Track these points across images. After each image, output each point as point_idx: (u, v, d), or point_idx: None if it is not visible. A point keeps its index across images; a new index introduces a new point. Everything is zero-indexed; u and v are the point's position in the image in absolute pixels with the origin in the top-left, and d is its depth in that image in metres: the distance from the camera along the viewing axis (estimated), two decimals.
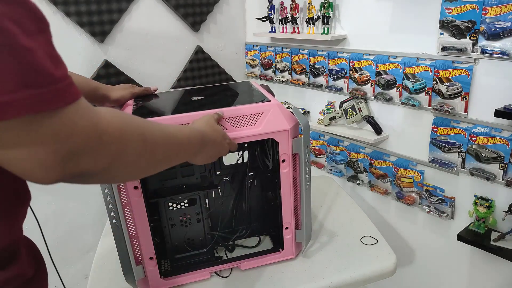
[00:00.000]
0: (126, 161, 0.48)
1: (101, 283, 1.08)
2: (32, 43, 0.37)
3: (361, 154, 1.86)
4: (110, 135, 0.44)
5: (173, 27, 2.01)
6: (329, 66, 1.89)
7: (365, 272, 1.07)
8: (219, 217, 1.15)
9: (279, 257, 1.10)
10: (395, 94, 1.64)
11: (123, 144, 0.46)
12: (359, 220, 1.31)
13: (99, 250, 1.23)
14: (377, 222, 1.90)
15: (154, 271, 0.99)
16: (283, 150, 0.96)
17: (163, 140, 0.56)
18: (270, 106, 0.96)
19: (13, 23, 0.36)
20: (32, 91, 0.36)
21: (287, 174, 0.99)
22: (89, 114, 0.42)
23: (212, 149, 0.77)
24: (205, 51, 2.15)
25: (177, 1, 1.95)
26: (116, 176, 0.51)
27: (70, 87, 0.40)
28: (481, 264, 1.54)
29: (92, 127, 0.42)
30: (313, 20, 1.85)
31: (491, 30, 1.29)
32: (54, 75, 0.39)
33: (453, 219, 1.59)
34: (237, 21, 2.27)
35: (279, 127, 0.93)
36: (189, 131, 0.68)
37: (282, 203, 1.03)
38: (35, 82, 0.37)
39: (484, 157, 1.40)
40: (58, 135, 0.39)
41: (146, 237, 0.95)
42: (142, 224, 0.94)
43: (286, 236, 1.07)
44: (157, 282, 1.01)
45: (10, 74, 0.35)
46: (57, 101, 0.39)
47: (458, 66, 1.41)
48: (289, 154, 0.97)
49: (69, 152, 0.41)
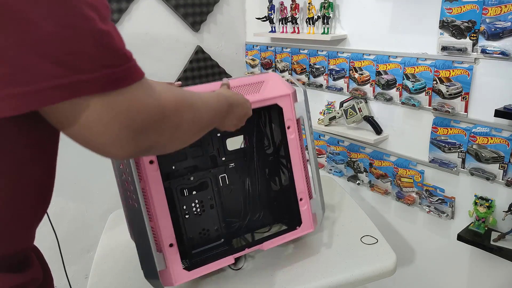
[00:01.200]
0: (183, 130, 0.52)
1: (101, 283, 1.08)
2: (106, 27, 0.41)
3: (361, 154, 1.86)
4: (170, 109, 0.48)
5: (173, 27, 2.01)
6: (329, 66, 1.89)
7: (365, 271, 1.07)
8: (231, 204, 1.14)
9: (299, 232, 1.09)
10: (395, 94, 1.64)
11: (179, 115, 0.50)
12: (359, 219, 1.31)
13: (99, 250, 1.23)
14: (377, 222, 1.89)
15: (176, 259, 0.91)
16: (287, 116, 1.02)
17: (203, 106, 0.59)
18: (270, 76, 1.04)
19: (91, 10, 0.40)
20: (109, 70, 0.40)
21: (294, 141, 1.04)
22: (153, 91, 0.45)
23: (239, 110, 0.79)
24: (205, 51, 2.15)
25: (177, 1, 1.95)
26: (175, 145, 0.54)
27: (137, 66, 0.44)
28: (481, 264, 1.54)
29: (156, 102, 0.45)
30: (313, 20, 1.85)
31: (491, 30, 1.29)
32: (126, 55, 0.42)
33: (453, 219, 1.59)
34: (237, 21, 2.27)
35: (281, 92, 1.01)
36: (216, 96, 0.70)
37: (293, 172, 1.05)
38: (112, 62, 0.41)
39: (484, 157, 1.40)
40: (130, 111, 0.42)
41: (165, 218, 0.89)
42: (160, 203, 0.88)
43: (302, 208, 1.08)
44: (180, 273, 0.92)
45: (90, 55, 0.39)
46: (129, 79, 0.42)
47: (458, 66, 1.41)
48: (294, 120, 1.03)
49: (140, 127, 0.43)
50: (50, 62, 0.37)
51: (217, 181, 1.12)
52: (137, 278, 1.07)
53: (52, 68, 0.37)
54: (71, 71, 0.38)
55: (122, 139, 0.43)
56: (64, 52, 0.37)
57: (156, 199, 0.89)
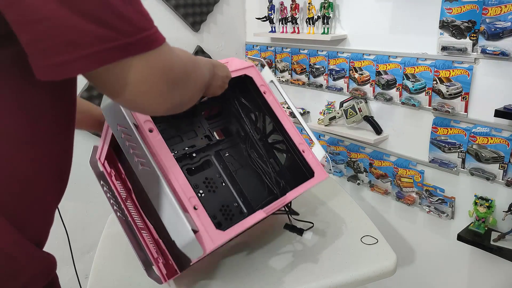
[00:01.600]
0: (198, 84, 0.59)
1: (101, 283, 1.08)
2: None
3: (361, 154, 1.86)
4: (189, 66, 0.55)
5: (173, 27, 2.01)
6: (329, 66, 1.89)
7: (365, 271, 1.07)
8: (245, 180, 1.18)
9: (316, 180, 1.10)
10: (395, 94, 1.64)
11: (194, 71, 0.57)
12: (359, 220, 1.31)
13: (99, 250, 1.23)
14: (377, 222, 1.89)
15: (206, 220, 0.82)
16: (259, 83, 1.14)
17: (202, 64, 0.66)
18: (231, 59, 1.15)
19: None
20: (146, 33, 0.45)
21: (273, 102, 1.14)
22: (174, 51, 0.51)
23: (220, 71, 0.86)
24: (205, 51, 2.15)
25: (177, 1, 1.95)
26: (193, 100, 0.59)
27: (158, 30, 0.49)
28: (481, 264, 1.54)
29: (179, 60, 0.51)
30: (313, 20, 1.85)
31: (491, 30, 1.29)
32: (152, 20, 0.48)
33: (453, 219, 1.59)
34: (237, 21, 2.27)
35: (246, 65, 1.15)
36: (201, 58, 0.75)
37: (286, 130, 1.12)
38: (146, 25, 0.46)
39: (484, 157, 1.40)
40: (165, 68, 0.48)
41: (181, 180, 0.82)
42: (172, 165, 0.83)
43: (308, 158, 1.11)
44: (215, 233, 0.82)
45: (133, 20, 0.44)
46: (159, 40, 0.47)
47: (458, 66, 1.41)
48: (266, 84, 1.15)
49: (173, 82, 0.49)
50: (104, 27, 0.42)
51: (219, 157, 1.16)
52: (137, 278, 1.07)
53: (106, 32, 0.42)
54: (120, 34, 0.43)
55: (161, 95, 0.48)
56: (114, 17, 0.42)
57: (167, 161, 0.84)
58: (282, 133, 1.15)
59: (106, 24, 0.42)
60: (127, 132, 0.82)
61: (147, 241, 0.97)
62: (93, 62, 0.42)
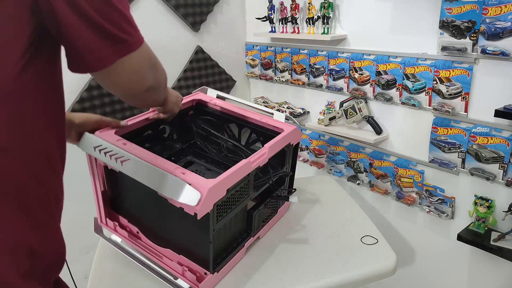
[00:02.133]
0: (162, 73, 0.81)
1: (101, 283, 1.08)
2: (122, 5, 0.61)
3: (361, 154, 1.86)
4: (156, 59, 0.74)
5: (173, 27, 2.01)
6: (329, 66, 1.89)
7: (365, 271, 1.07)
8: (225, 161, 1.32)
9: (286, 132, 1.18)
10: (395, 94, 1.64)
11: (158, 61, 0.76)
12: (359, 220, 1.31)
13: (99, 250, 1.23)
14: (377, 222, 1.89)
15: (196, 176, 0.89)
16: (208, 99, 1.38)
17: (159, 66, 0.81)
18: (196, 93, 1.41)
19: None
20: (138, 32, 0.64)
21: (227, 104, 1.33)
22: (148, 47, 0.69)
23: (172, 92, 1.08)
24: (205, 51, 2.15)
25: (177, 1, 1.95)
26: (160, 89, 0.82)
27: None
28: (481, 264, 1.54)
29: (151, 51, 0.71)
30: (313, 20, 1.85)
31: (491, 30, 1.29)
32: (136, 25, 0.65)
33: (453, 219, 1.59)
34: (237, 21, 2.27)
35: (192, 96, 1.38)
36: None
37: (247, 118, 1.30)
38: (135, 26, 0.64)
39: (484, 157, 1.40)
40: (149, 59, 0.70)
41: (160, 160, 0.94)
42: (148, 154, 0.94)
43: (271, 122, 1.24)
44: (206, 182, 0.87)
45: (132, 23, 0.63)
46: (142, 39, 0.66)
47: (458, 66, 1.41)
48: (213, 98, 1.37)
49: (153, 69, 0.72)
50: (117, 29, 0.60)
51: (198, 154, 1.36)
52: (137, 278, 1.07)
53: (122, 35, 0.61)
54: (125, 34, 0.61)
55: (147, 77, 0.70)
56: (127, 24, 0.62)
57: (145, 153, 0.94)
58: (246, 122, 1.31)
59: (124, 30, 0.61)
60: (103, 147, 0.95)
61: (166, 262, 1.03)
62: (116, 56, 0.61)
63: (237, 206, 1.03)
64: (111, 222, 1.15)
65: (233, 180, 0.94)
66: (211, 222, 0.92)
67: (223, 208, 0.96)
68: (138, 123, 1.15)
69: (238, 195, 1.01)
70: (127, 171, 0.92)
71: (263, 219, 1.21)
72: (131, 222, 1.13)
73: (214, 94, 1.39)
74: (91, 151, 0.97)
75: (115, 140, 0.98)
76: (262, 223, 1.21)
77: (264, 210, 1.18)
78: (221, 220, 0.96)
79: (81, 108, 1.74)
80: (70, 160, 1.69)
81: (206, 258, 0.97)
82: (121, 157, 0.92)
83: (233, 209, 1.01)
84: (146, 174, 0.89)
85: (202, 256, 0.97)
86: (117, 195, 1.15)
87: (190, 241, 0.99)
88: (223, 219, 0.98)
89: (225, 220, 0.99)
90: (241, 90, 2.41)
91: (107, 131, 1.03)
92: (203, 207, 0.85)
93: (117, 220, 1.16)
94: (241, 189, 1.02)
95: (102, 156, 0.95)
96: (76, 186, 1.91)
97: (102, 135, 1.00)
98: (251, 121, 1.29)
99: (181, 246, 1.01)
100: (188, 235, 0.99)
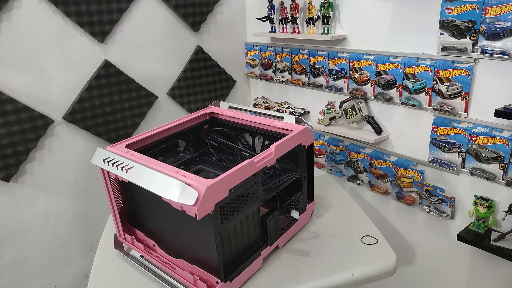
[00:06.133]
0: None
1: (101, 283, 1.08)
2: None
3: (361, 154, 1.86)
4: None
5: (173, 27, 2.01)
6: (329, 66, 1.89)
7: (366, 271, 1.07)
8: None
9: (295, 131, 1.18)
10: (395, 94, 1.64)
11: None
12: (359, 220, 1.31)
13: (99, 250, 1.23)
14: (377, 222, 1.90)
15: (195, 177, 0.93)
16: (220, 112, 1.45)
17: None
18: None
19: None
20: None
21: (239, 114, 1.42)
22: None
23: None
24: (205, 51, 2.15)
25: (177, 1, 1.95)
26: None
27: None
28: (481, 264, 1.54)
29: None
30: (313, 20, 1.85)
31: (491, 30, 1.29)
32: None
33: (453, 219, 1.59)
34: (237, 21, 2.27)
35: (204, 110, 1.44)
36: None
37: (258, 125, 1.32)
38: None
39: (484, 157, 1.40)
40: None
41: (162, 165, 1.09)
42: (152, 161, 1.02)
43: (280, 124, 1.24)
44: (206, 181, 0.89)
45: None
46: None
47: (458, 66, 1.41)
48: (226, 110, 1.44)
49: None
50: None
51: (207, 162, 1.36)
52: (137, 278, 1.07)
53: None
54: None
55: None
56: None
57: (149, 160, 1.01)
58: (257, 129, 1.32)
59: None
60: (111, 159, 1.01)
61: (179, 272, 1.04)
62: None
63: (245, 209, 1.00)
64: (129, 237, 1.19)
65: (235, 180, 0.93)
66: (215, 225, 0.91)
67: (228, 210, 0.95)
68: (151, 137, 1.24)
69: (244, 197, 0.99)
70: (132, 178, 0.95)
71: (283, 227, 1.17)
72: (148, 235, 1.16)
73: (226, 106, 1.45)
74: (100, 163, 1.04)
75: (124, 152, 1.07)
76: (281, 231, 1.16)
77: (280, 217, 1.13)
78: (226, 223, 0.95)
79: (81, 108, 1.74)
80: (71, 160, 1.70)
81: (215, 265, 0.95)
82: (125, 166, 0.97)
83: (240, 212, 0.98)
84: (149, 179, 0.91)
85: (212, 264, 0.96)
86: (133, 209, 1.18)
87: (200, 248, 0.99)
88: (229, 222, 0.96)
89: (232, 224, 0.97)
90: (241, 90, 2.41)
91: (119, 145, 1.12)
92: (201, 206, 0.84)
93: (134, 234, 1.20)
94: (247, 190, 0.99)
95: (110, 167, 1.01)
96: (76, 186, 1.91)
97: (113, 149, 1.10)
98: (263, 127, 1.30)
99: (194, 255, 1.02)
100: (198, 243, 0.99)
